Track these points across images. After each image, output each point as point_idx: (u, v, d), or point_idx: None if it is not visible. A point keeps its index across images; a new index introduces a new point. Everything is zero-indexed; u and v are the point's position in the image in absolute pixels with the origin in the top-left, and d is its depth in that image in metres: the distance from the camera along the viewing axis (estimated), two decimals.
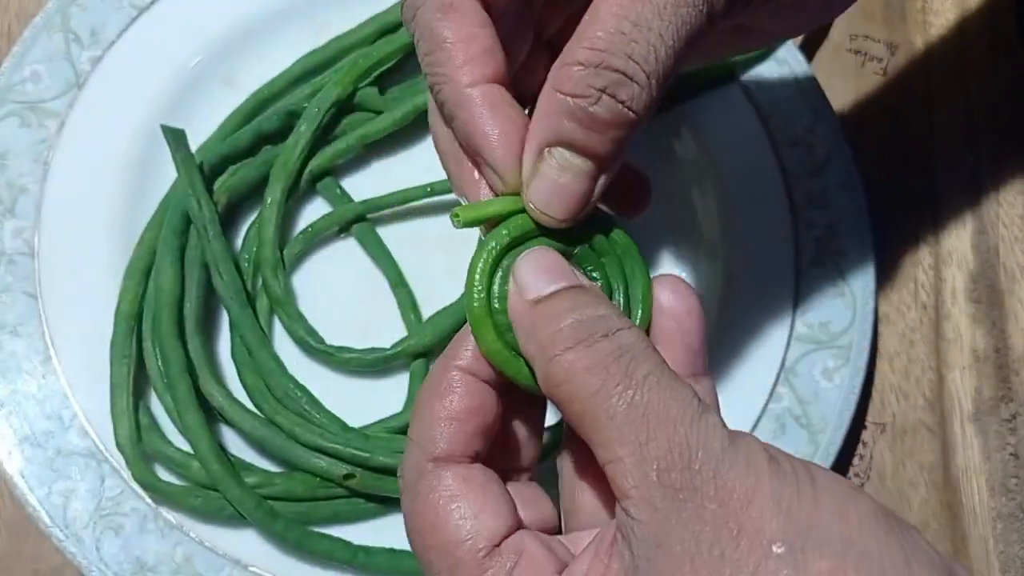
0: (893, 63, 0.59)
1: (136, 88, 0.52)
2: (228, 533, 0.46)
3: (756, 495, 0.25)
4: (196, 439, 0.46)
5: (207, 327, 0.49)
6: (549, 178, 0.29)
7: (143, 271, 0.49)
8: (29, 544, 0.48)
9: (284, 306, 0.49)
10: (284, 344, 0.50)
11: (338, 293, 0.51)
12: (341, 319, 0.51)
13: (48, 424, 0.47)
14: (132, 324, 0.48)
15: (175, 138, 0.49)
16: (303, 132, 0.51)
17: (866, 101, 0.58)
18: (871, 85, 0.58)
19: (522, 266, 0.29)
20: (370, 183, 0.53)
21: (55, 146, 0.51)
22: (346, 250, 0.52)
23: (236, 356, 0.49)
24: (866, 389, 0.52)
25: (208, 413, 0.47)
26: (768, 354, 0.50)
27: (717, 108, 0.54)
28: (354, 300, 0.51)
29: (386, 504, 0.47)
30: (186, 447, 0.47)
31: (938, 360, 0.54)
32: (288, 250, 0.51)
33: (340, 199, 0.52)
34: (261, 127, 0.51)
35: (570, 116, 0.28)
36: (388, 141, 0.53)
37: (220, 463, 0.45)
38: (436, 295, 0.51)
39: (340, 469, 0.46)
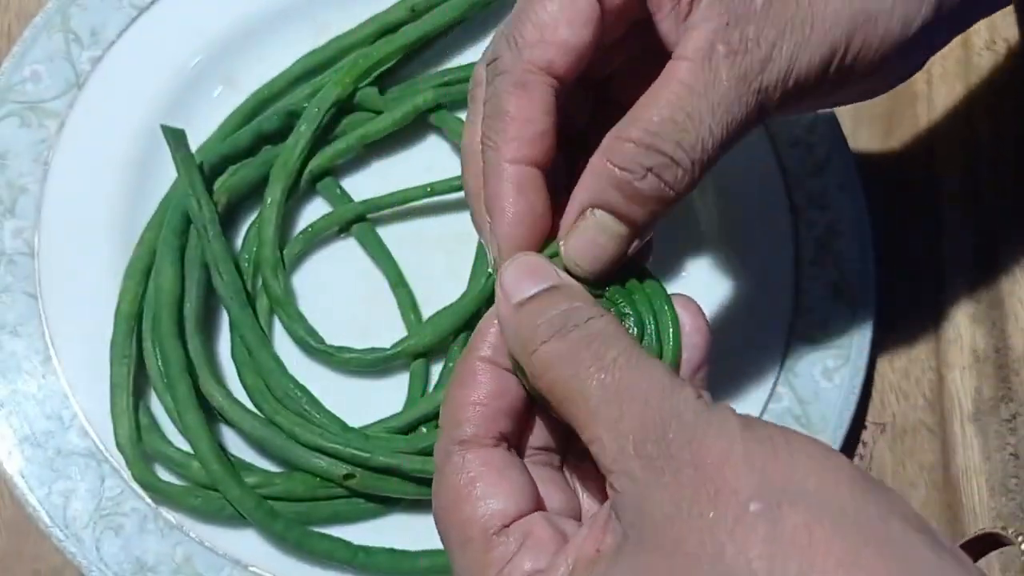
0: None
1: (136, 88, 0.52)
2: (228, 533, 0.46)
3: (730, 457, 0.26)
4: (196, 439, 0.46)
5: (207, 327, 0.49)
6: (587, 236, 0.32)
7: (143, 271, 0.49)
8: (29, 544, 0.48)
9: (284, 306, 0.49)
10: (284, 344, 0.50)
11: (338, 293, 0.51)
12: (341, 319, 0.51)
13: (48, 424, 0.47)
14: (132, 324, 0.48)
15: (175, 138, 0.49)
16: (303, 132, 0.51)
17: (866, 101, 0.58)
18: None
19: (506, 273, 0.31)
20: (370, 183, 0.53)
21: (55, 146, 0.51)
22: (346, 250, 0.52)
23: (236, 356, 0.49)
24: (866, 389, 0.52)
25: (208, 413, 0.47)
26: (768, 354, 0.50)
27: None
28: (354, 300, 0.51)
29: (386, 504, 0.47)
30: (186, 447, 0.47)
31: (938, 360, 0.54)
32: (288, 250, 0.51)
33: (340, 199, 0.52)
34: (261, 127, 0.51)
35: (616, 185, 0.31)
36: (388, 141, 0.53)
37: (220, 463, 0.45)
38: (436, 295, 0.51)
39: (340, 469, 0.46)
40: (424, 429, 0.48)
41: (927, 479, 0.52)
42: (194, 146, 0.51)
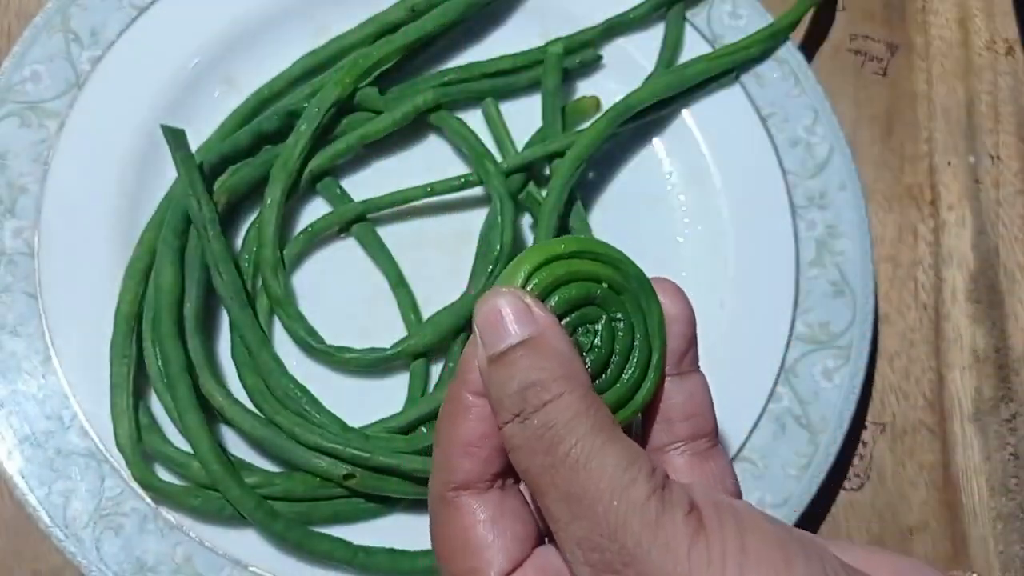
0: (893, 63, 0.59)
1: (136, 88, 0.52)
2: (228, 533, 0.46)
3: None
4: (196, 439, 0.46)
5: (207, 327, 0.49)
6: None
7: (143, 271, 0.49)
8: (29, 544, 0.48)
9: (284, 306, 0.49)
10: (284, 344, 0.50)
11: (338, 293, 0.51)
12: (341, 319, 0.51)
13: (48, 424, 0.47)
14: (132, 324, 0.48)
15: (175, 138, 0.49)
16: (303, 132, 0.51)
17: (866, 101, 0.58)
18: (871, 85, 0.58)
19: (479, 318, 0.29)
20: (370, 183, 0.53)
21: (55, 146, 0.50)
22: (346, 250, 0.52)
23: (236, 356, 0.49)
24: (866, 389, 0.52)
25: (208, 413, 0.47)
26: (768, 354, 0.50)
27: (717, 107, 0.54)
28: (354, 300, 0.51)
29: (386, 504, 0.47)
30: (186, 447, 0.47)
31: (938, 360, 0.54)
32: (288, 250, 0.51)
33: (340, 199, 0.52)
34: (261, 127, 0.51)
35: None
36: (388, 141, 0.53)
37: (220, 463, 0.45)
38: (436, 295, 0.51)
39: (340, 469, 0.46)
40: (424, 429, 0.48)
41: (927, 479, 0.52)
42: (194, 146, 0.50)
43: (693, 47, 0.55)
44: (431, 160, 0.54)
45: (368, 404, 0.49)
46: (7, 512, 0.49)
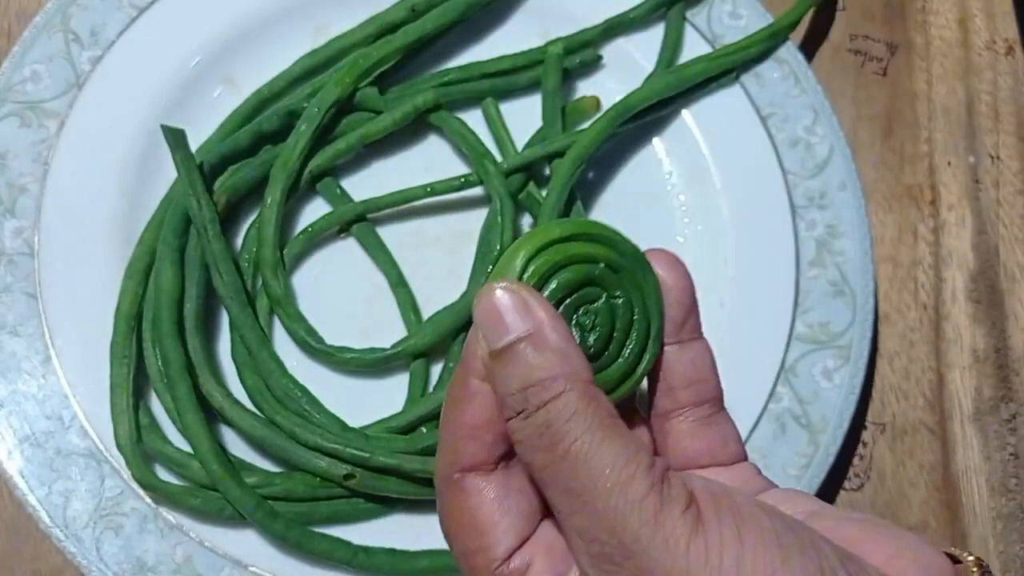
0: (893, 63, 0.59)
1: (136, 88, 0.52)
2: (228, 533, 0.46)
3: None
4: (196, 439, 0.46)
5: (207, 327, 0.49)
6: None
7: (143, 271, 0.49)
8: (29, 544, 0.48)
9: (284, 306, 0.49)
10: (284, 344, 0.50)
11: (338, 293, 0.51)
12: (341, 319, 0.51)
13: (48, 424, 0.47)
14: (132, 324, 0.48)
15: (175, 138, 0.49)
16: (303, 132, 0.51)
17: (866, 101, 0.58)
18: (871, 85, 0.58)
19: (479, 313, 0.29)
20: (370, 183, 0.53)
21: (55, 146, 0.51)
22: (346, 250, 0.52)
23: (236, 356, 0.49)
24: (866, 389, 0.52)
25: (208, 413, 0.47)
26: (768, 354, 0.50)
27: (717, 107, 0.54)
28: (354, 300, 0.51)
29: (386, 504, 0.47)
30: (186, 447, 0.47)
31: (938, 360, 0.54)
32: (288, 250, 0.51)
33: (340, 199, 0.52)
34: (261, 127, 0.51)
35: None
36: (388, 141, 0.53)
37: (220, 463, 0.45)
38: (436, 295, 0.51)
39: (340, 469, 0.46)
40: (424, 429, 0.48)
41: (927, 479, 0.52)
42: (194, 146, 0.50)
43: (693, 47, 0.55)
44: (431, 160, 0.54)
45: (368, 404, 0.49)
46: (7, 512, 0.49)
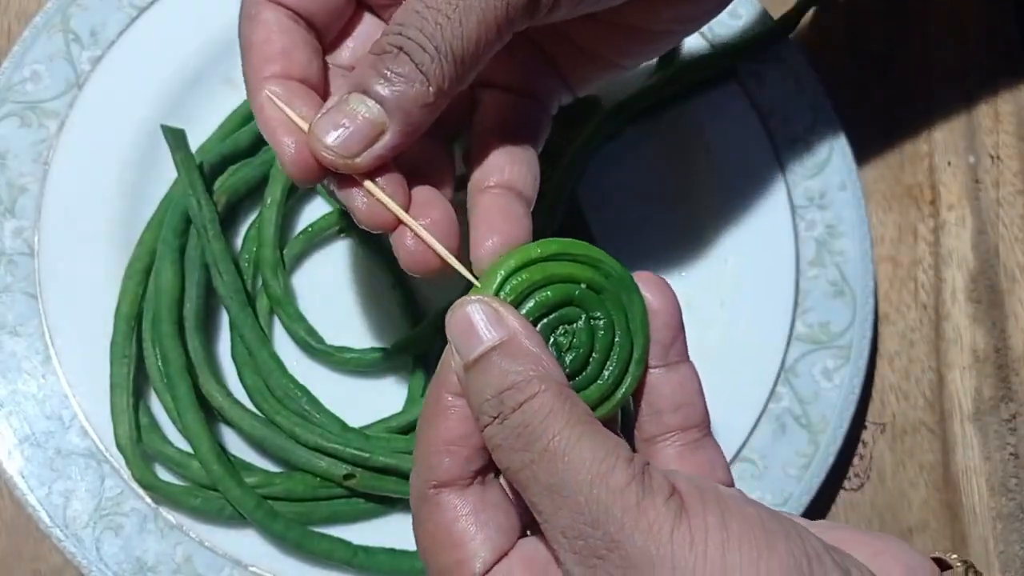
0: (893, 63, 0.59)
1: (136, 88, 0.52)
2: (228, 533, 0.46)
3: (658, 565, 0.25)
4: (196, 439, 0.46)
5: (207, 327, 0.49)
6: (337, 117, 0.32)
7: (143, 271, 0.49)
8: (29, 544, 0.48)
9: (284, 306, 0.49)
10: (284, 344, 0.50)
11: (338, 293, 0.51)
12: (341, 319, 0.51)
13: (48, 424, 0.47)
14: (132, 324, 0.48)
15: (175, 138, 0.49)
16: None
17: (866, 101, 0.58)
18: (871, 85, 0.58)
19: (451, 327, 0.30)
20: None
21: (55, 146, 0.50)
22: (347, 250, 0.52)
23: (236, 356, 0.49)
24: (866, 389, 0.52)
25: (208, 413, 0.47)
26: (768, 354, 0.50)
27: (717, 107, 0.54)
28: (354, 300, 0.51)
29: (386, 504, 0.47)
30: (186, 447, 0.47)
31: (938, 360, 0.54)
32: (288, 250, 0.51)
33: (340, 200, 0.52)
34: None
35: (371, 65, 0.32)
36: None
37: (220, 463, 0.45)
38: (436, 295, 0.51)
39: (340, 469, 0.46)
40: None
41: (927, 479, 0.52)
42: (194, 146, 0.51)
43: (693, 47, 0.55)
44: None
45: (368, 404, 0.49)
46: (7, 512, 0.49)
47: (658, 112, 0.54)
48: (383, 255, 0.52)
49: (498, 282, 0.31)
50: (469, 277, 0.33)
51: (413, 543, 0.46)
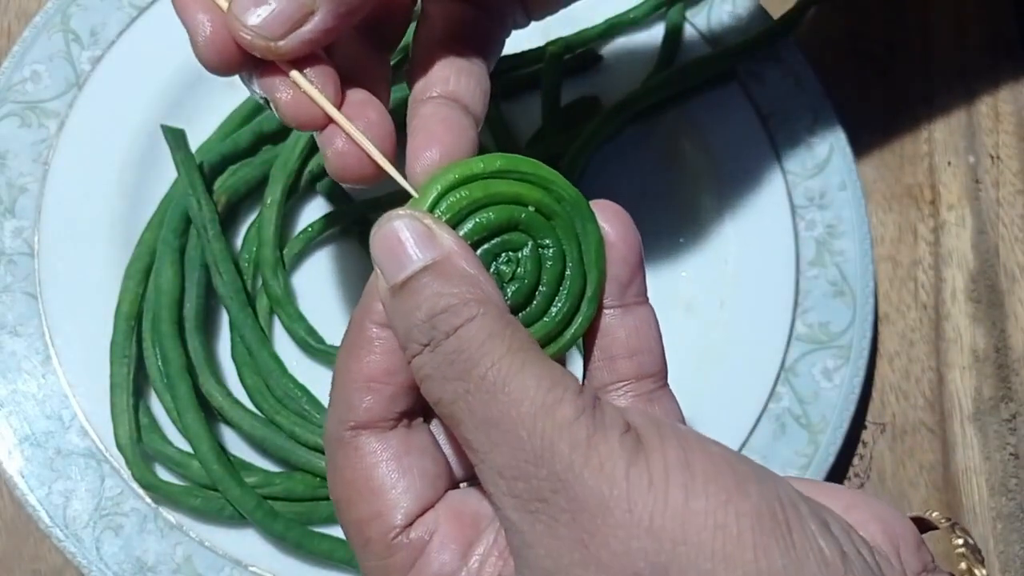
0: (893, 63, 0.59)
1: (136, 88, 0.52)
2: (228, 533, 0.46)
3: (611, 507, 0.22)
4: (196, 439, 0.46)
5: (207, 327, 0.49)
6: None
7: (143, 271, 0.49)
8: (29, 544, 0.48)
9: (284, 306, 0.49)
10: (284, 344, 0.50)
11: (338, 293, 0.51)
12: (341, 319, 0.51)
13: (48, 424, 0.47)
14: (132, 324, 0.48)
15: (175, 138, 0.49)
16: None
17: (866, 101, 0.58)
18: (871, 85, 0.58)
19: (376, 246, 0.26)
20: None
21: (55, 146, 0.50)
22: (347, 250, 0.52)
23: (236, 356, 0.49)
24: (866, 389, 0.52)
25: (208, 413, 0.47)
26: (768, 354, 0.50)
27: (717, 107, 0.54)
28: (354, 300, 0.51)
29: None
30: (186, 447, 0.47)
31: (938, 360, 0.54)
32: (288, 250, 0.51)
33: (340, 199, 0.52)
34: (261, 127, 0.51)
35: None
36: None
37: (220, 463, 0.45)
38: None
39: None
40: None
41: (927, 479, 0.52)
42: (194, 146, 0.51)
43: (693, 47, 0.55)
44: None
45: None
46: (7, 512, 0.49)
47: (658, 112, 0.54)
48: None
49: (433, 198, 0.27)
50: (406, 187, 0.29)
51: None
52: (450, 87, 0.32)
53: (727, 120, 0.54)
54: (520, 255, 0.27)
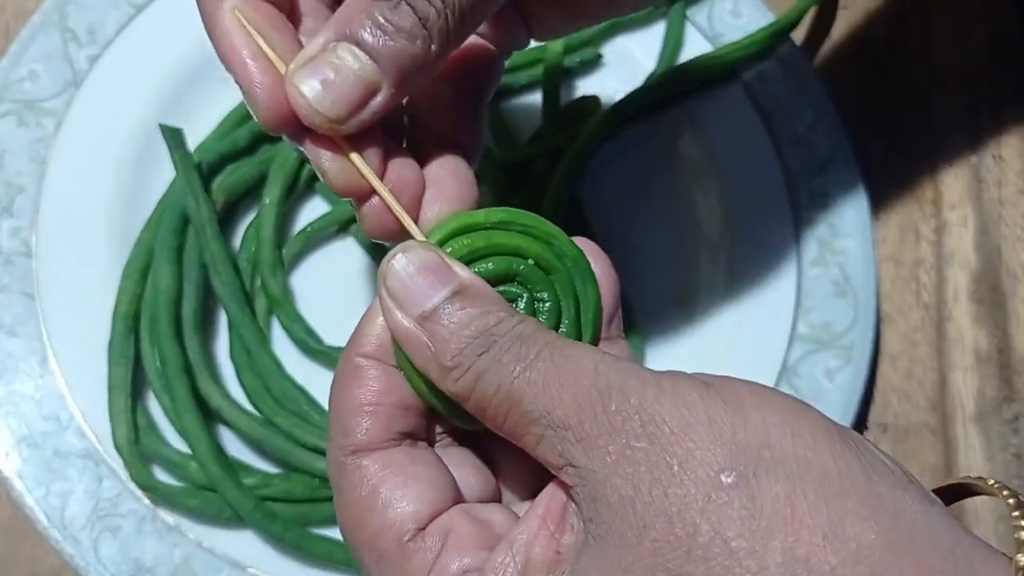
0: (895, 62, 0.59)
1: (134, 87, 0.51)
2: (226, 534, 0.46)
3: (692, 425, 0.23)
4: (194, 440, 0.46)
5: (205, 327, 0.49)
6: (322, 68, 0.28)
7: (141, 271, 0.48)
8: (27, 545, 0.48)
9: (283, 306, 0.49)
10: (283, 344, 0.50)
11: (337, 293, 0.51)
12: (340, 319, 0.50)
13: (46, 425, 0.47)
14: (130, 324, 0.48)
15: (173, 137, 0.49)
16: None
17: (867, 100, 0.58)
18: (872, 84, 0.58)
19: (392, 278, 0.27)
20: None
21: (52, 145, 0.50)
22: (345, 250, 0.52)
23: (234, 357, 0.49)
24: (868, 390, 0.52)
25: (206, 414, 0.47)
26: (769, 354, 0.50)
27: (718, 107, 0.54)
28: (353, 300, 0.51)
29: None
30: (184, 448, 0.47)
31: (940, 361, 0.54)
32: (287, 250, 0.51)
33: (339, 199, 0.52)
34: (259, 126, 0.51)
35: (365, 14, 0.28)
36: None
37: (218, 464, 0.45)
38: None
39: None
40: None
41: (929, 480, 0.52)
42: (192, 145, 0.50)
43: (694, 46, 0.55)
44: None
45: None
46: (4, 513, 0.48)
47: (658, 112, 0.54)
48: (382, 255, 0.51)
49: (435, 243, 0.28)
50: (415, 233, 0.29)
51: None
52: (456, 136, 0.32)
53: (728, 119, 0.54)
54: (515, 306, 0.28)
